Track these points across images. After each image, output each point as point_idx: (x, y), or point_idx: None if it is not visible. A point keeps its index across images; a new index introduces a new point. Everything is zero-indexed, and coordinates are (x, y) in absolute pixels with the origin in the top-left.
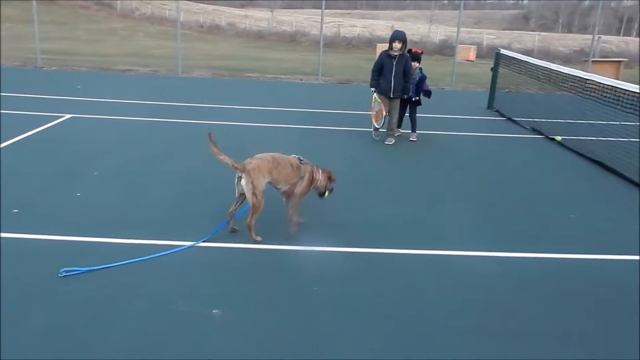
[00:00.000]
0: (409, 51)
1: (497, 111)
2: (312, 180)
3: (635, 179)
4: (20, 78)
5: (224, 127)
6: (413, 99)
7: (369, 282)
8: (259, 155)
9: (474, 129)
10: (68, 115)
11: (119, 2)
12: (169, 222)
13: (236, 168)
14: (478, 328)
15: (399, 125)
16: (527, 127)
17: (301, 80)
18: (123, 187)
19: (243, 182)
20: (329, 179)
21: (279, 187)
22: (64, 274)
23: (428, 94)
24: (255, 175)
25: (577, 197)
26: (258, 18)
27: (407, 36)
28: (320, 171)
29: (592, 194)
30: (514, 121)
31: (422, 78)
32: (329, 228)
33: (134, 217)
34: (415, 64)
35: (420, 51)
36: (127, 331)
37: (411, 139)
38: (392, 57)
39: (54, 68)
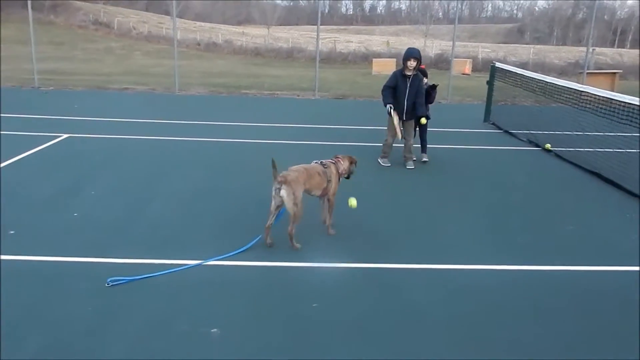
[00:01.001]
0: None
1: (493, 124)
2: (339, 176)
3: (633, 189)
4: (17, 98)
5: (222, 144)
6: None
7: (368, 298)
8: (293, 168)
9: (471, 142)
10: (65, 135)
11: (116, 21)
12: (170, 241)
13: (278, 180)
14: (477, 342)
15: (424, 149)
16: (524, 139)
17: (298, 96)
18: (121, 206)
19: (284, 192)
20: (351, 163)
21: (313, 193)
22: (111, 283)
23: (431, 99)
24: (296, 186)
25: (574, 209)
26: (255, 35)
27: (402, 52)
28: (342, 162)
29: (589, 205)
30: (511, 133)
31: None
32: (330, 244)
33: (133, 237)
34: (424, 79)
35: (423, 66)
36: (125, 350)
37: (423, 159)
38: (406, 77)
39: (51, 88)
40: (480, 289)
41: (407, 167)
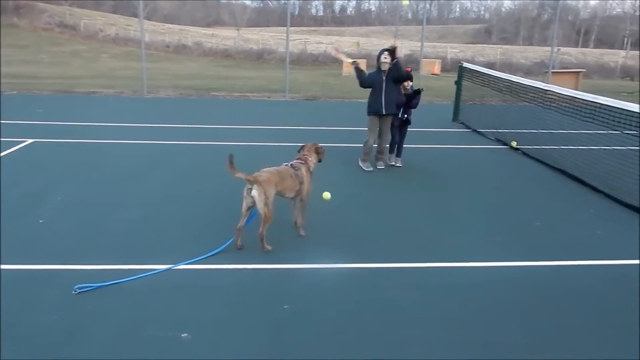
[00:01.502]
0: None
1: (462, 123)
2: (311, 174)
3: (596, 185)
4: None
5: (192, 147)
6: (404, 118)
7: (341, 298)
8: (265, 170)
9: (441, 141)
10: (30, 140)
11: (82, 23)
12: (139, 246)
13: (249, 180)
14: (456, 340)
15: (399, 154)
16: (492, 137)
17: (269, 97)
18: (88, 211)
19: (255, 193)
20: (317, 152)
21: (286, 195)
22: (78, 290)
23: (413, 105)
24: (267, 187)
25: (542, 205)
26: (224, 37)
27: (372, 53)
28: (310, 157)
29: (555, 202)
30: (479, 132)
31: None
32: (301, 245)
33: (101, 243)
34: (409, 82)
35: (409, 69)
36: (93, 358)
37: (397, 164)
38: (381, 72)
39: (14, 92)
40: (454, 287)
41: (378, 167)
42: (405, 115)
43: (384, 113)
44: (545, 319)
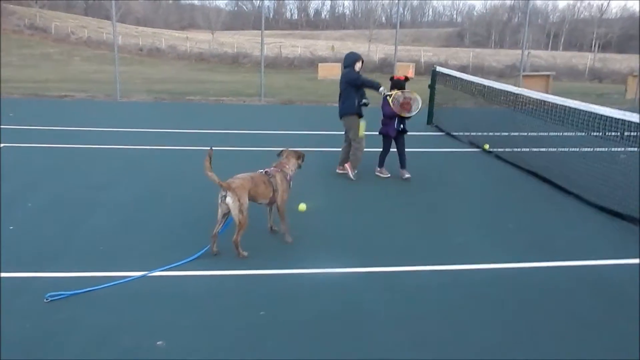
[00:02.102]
0: (391, 78)
1: (436, 126)
2: (288, 182)
3: (567, 187)
4: None
5: (166, 151)
6: (399, 128)
7: (316, 302)
8: (239, 176)
9: (415, 145)
10: (0, 145)
11: (53, 26)
12: (113, 253)
13: (222, 186)
14: (424, 341)
15: (404, 166)
16: (465, 141)
17: (244, 101)
18: (61, 217)
19: (229, 200)
20: (298, 158)
21: (259, 202)
22: (50, 298)
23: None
24: (241, 193)
25: (514, 207)
26: (199, 40)
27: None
28: (288, 164)
29: (528, 204)
30: (453, 136)
31: None
32: (276, 250)
33: (73, 249)
34: (398, 92)
35: (402, 77)
36: None
37: (406, 175)
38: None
39: None
40: (427, 289)
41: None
42: (402, 126)
43: (340, 119)
44: (518, 319)
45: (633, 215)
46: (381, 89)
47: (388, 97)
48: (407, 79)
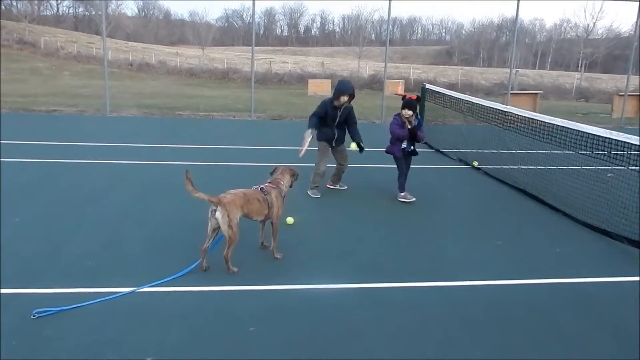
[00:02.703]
0: (403, 97)
1: (425, 143)
2: (283, 198)
3: (555, 204)
4: None
5: (156, 166)
6: (409, 150)
7: (306, 319)
8: (232, 191)
9: None
10: None
11: (42, 40)
12: (101, 269)
13: (212, 202)
14: (415, 356)
15: (403, 188)
16: (454, 157)
17: (234, 117)
18: (48, 233)
19: (218, 214)
20: (292, 175)
21: (254, 219)
22: (37, 315)
23: (419, 138)
24: (231, 209)
25: (503, 224)
26: (189, 55)
27: (337, 73)
28: (282, 181)
29: (516, 221)
30: (442, 152)
31: (419, 125)
32: (266, 266)
33: (61, 265)
34: (408, 112)
35: (414, 97)
36: None
37: (406, 199)
38: (336, 108)
39: None
40: (413, 306)
41: (340, 187)
42: (412, 147)
43: (333, 146)
44: (504, 336)
45: (620, 233)
46: (309, 130)
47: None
48: (418, 98)
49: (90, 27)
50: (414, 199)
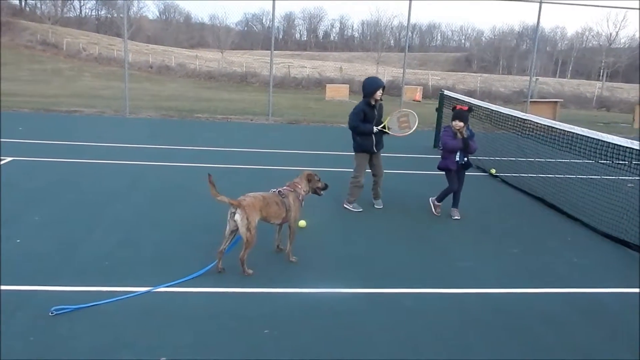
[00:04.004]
0: (453, 109)
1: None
2: (300, 202)
3: (573, 213)
4: None
5: (173, 168)
6: (463, 162)
7: (321, 323)
8: (251, 194)
9: (422, 167)
10: (9, 158)
11: (65, 42)
12: (118, 268)
13: (232, 204)
14: None
15: (456, 205)
16: (472, 165)
17: (251, 120)
18: (67, 231)
19: (238, 217)
20: (309, 180)
21: (272, 222)
22: (55, 312)
23: (472, 150)
24: (250, 212)
25: (519, 232)
26: (208, 59)
27: (354, 78)
28: (299, 185)
29: (533, 229)
30: None
31: (471, 136)
32: (281, 269)
33: (79, 264)
34: (459, 123)
35: (466, 108)
36: None
37: (456, 216)
38: (373, 107)
39: None
40: (426, 312)
41: (376, 206)
42: (465, 159)
43: (375, 151)
44: (519, 346)
45: (638, 244)
46: (374, 129)
47: (386, 130)
48: (470, 109)
49: (111, 30)
50: (439, 212)
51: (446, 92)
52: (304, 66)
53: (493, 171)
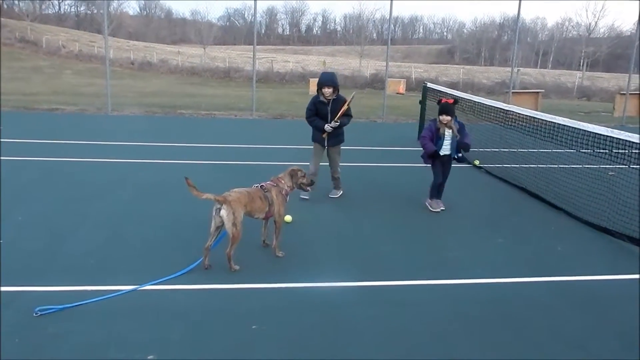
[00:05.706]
0: (439, 102)
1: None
2: (284, 196)
3: (556, 202)
4: None
5: (157, 165)
6: (455, 156)
7: (307, 317)
8: (236, 190)
9: (406, 160)
10: None
11: (44, 39)
12: (103, 267)
13: (218, 200)
14: (414, 356)
15: (439, 196)
16: (454, 156)
17: (235, 116)
18: (51, 231)
19: (223, 212)
20: (292, 176)
21: (256, 217)
22: (39, 312)
23: (466, 147)
24: (236, 207)
25: (504, 222)
26: (190, 54)
27: (338, 72)
28: (282, 180)
29: (517, 219)
30: None
31: (461, 128)
32: (267, 264)
33: (63, 263)
34: (446, 117)
35: (451, 101)
36: None
37: (441, 208)
38: (325, 103)
39: None
40: (414, 304)
41: (331, 195)
42: (459, 154)
43: (329, 145)
44: (505, 335)
45: (620, 232)
46: (326, 126)
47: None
48: (456, 101)
49: (92, 26)
50: (442, 208)
51: (429, 85)
52: (287, 60)
53: (477, 162)
